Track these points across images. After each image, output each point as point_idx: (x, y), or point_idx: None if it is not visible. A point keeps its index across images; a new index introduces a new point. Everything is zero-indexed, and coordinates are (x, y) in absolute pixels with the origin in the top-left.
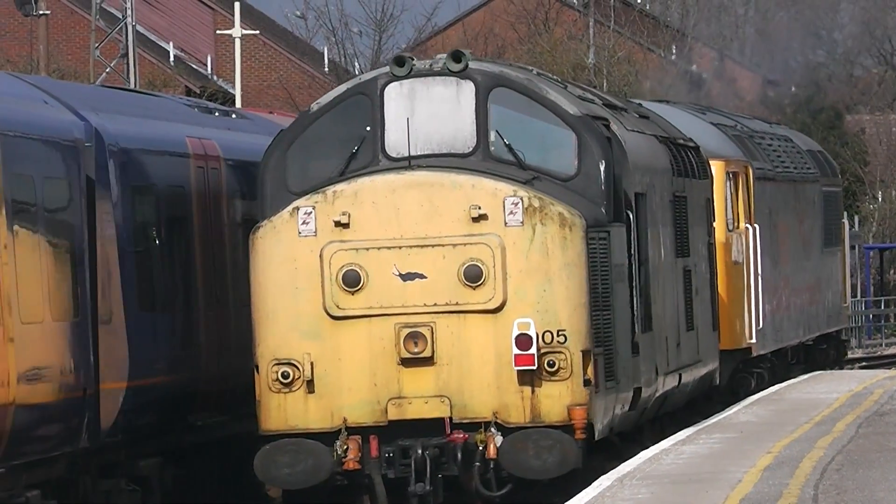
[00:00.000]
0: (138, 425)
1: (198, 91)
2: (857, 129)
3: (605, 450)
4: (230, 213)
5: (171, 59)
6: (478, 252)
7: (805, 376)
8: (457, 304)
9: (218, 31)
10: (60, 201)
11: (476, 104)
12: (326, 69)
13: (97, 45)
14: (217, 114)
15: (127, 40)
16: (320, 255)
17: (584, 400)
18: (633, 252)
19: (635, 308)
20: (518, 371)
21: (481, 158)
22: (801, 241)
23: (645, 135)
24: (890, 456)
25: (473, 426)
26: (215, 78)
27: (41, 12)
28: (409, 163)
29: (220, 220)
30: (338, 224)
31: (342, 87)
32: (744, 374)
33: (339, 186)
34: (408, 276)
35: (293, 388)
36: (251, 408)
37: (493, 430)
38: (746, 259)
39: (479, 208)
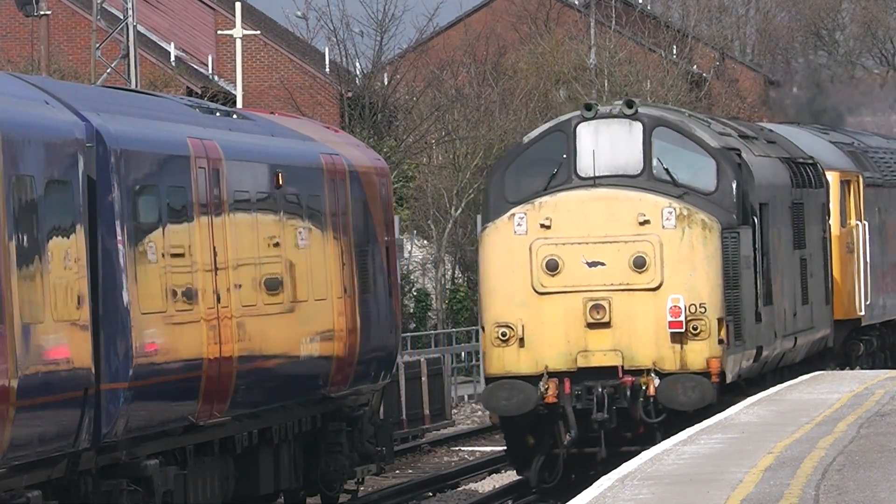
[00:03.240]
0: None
1: (199, 91)
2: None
3: (733, 390)
4: (231, 213)
5: (173, 59)
6: (643, 247)
7: (806, 376)
8: (627, 284)
9: (219, 32)
10: (61, 202)
11: (643, 139)
12: (328, 70)
13: (98, 45)
14: (218, 114)
15: (128, 41)
16: (529, 248)
17: (718, 354)
18: (756, 247)
19: (758, 287)
20: (671, 332)
21: (646, 179)
22: None
23: (770, 158)
24: (891, 456)
25: (638, 372)
26: (216, 78)
27: (42, 13)
28: (594, 182)
29: (220, 218)
30: (542, 226)
31: (545, 126)
32: (855, 341)
33: (544, 198)
34: (592, 263)
35: (509, 344)
36: None
37: (652, 375)
38: (857, 248)
39: (644, 215)
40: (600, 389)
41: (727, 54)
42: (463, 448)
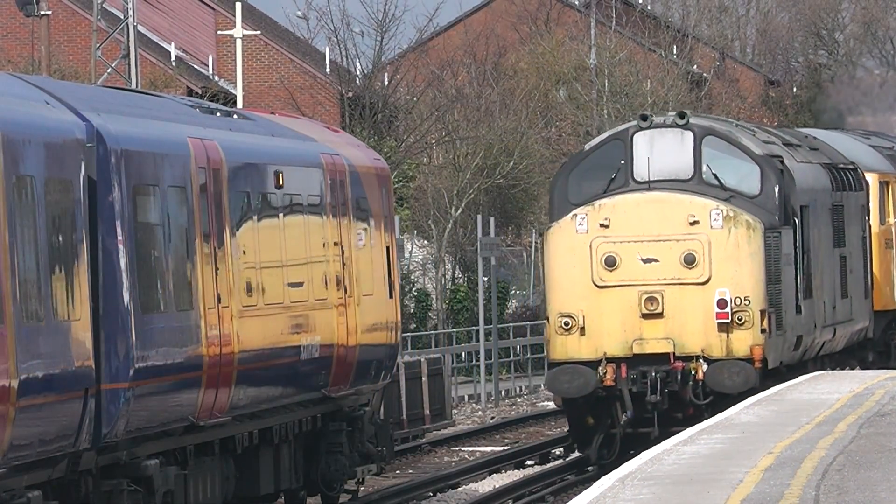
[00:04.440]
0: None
1: (199, 91)
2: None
3: (775, 376)
4: (231, 213)
5: (173, 59)
6: (693, 245)
7: (807, 376)
8: (679, 278)
9: (219, 32)
10: (62, 202)
11: (694, 147)
12: (328, 70)
13: (98, 45)
14: (219, 114)
15: (128, 41)
16: (590, 246)
17: (761, 342)
18: (797, 245)
19: (798, 282)
20: (718, 322)
21: (696, 183)
22: None
23: (812, 164)
24: (891, 456)
25: (688, 358)
26: (217, 78)
27: (43, 13)
28: (649, 185)
29: (221, 219)
30: (601, 225)
31: (605, 135)
32: (894, 331)
33: (603, 200)
34: (647, 260)
35: (571, 332)
36: None
37: (701, 360)
38: (895, 244)
39: (694, 216)
40: (654, 374)
41: (727, 54)
42: (463, 448)
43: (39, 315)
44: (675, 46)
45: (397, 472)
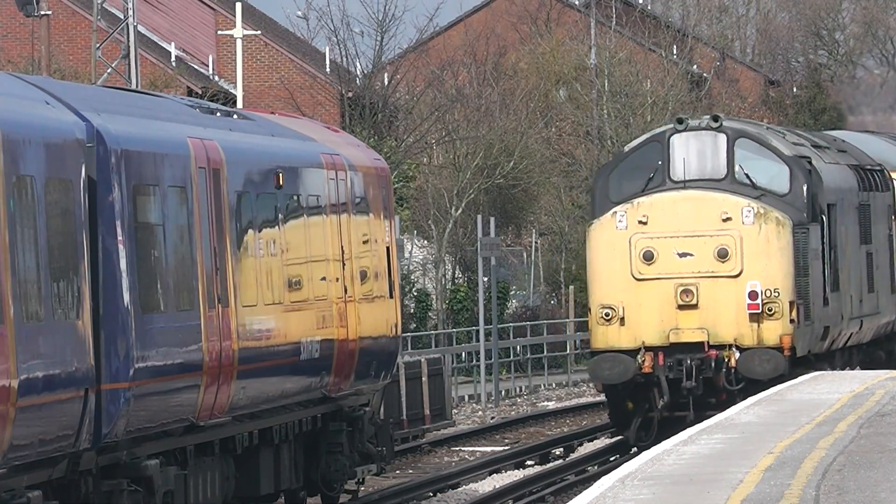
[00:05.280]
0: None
1: (199, 92)
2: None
3: (803, 363)
4: (231, 213)
5: (173, 59)
6: (726, 240)
7: (807, 376)
8: (712, 272)
9: (219, 32)
10: (62, 202)
11: (727, 148)
12: (328, 70)
13: (98, 45)
14: (219, 114)
15: (128, 41)
16: (629, 241)
17: (790, 332)
18: (825, 241)
19: (826, 276)
20: (749, 313)
21: (729, 182)
22: None
23: (839, 165)
24: (891, 456)
25: (721, 347)
26: (217, 78)
27: (43, 13)
28: (685, 185)
29: (221, 220)
30: (640, 222)
31: (643, 137)
32: None
33: (642, 199)
34: (683, 254)
35: (611, 322)
36: None
37: (733, 349)
38: None
39: (727, 213)
40: (689, 361)
41: (727, 54)
42: (463, 448)
43: (39, 315)
44: (675, 46)
45: (397, 472)
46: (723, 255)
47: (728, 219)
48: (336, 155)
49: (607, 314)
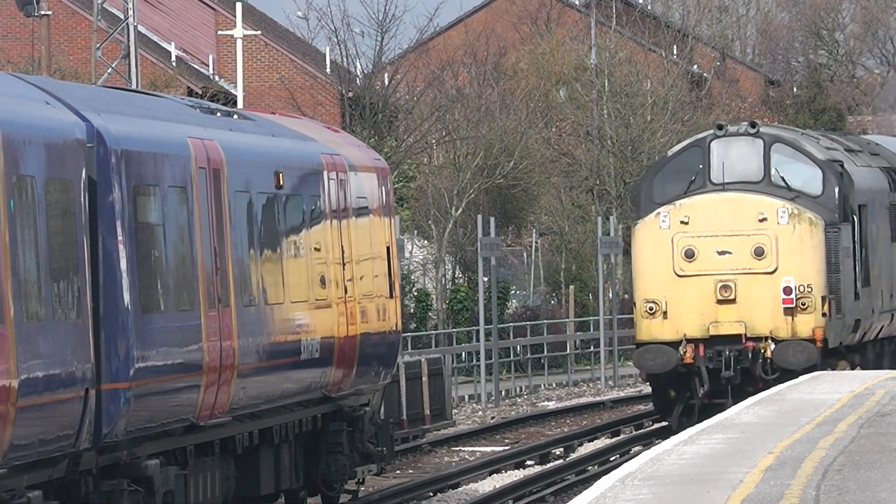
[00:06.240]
0: None
1: (199, 92)
2: (859, 129)
3: (835, 354)
4: (231, 213)
5: (173, 59)
6: (762, 239)
7: (807, 376)
8: (749, 269)
9: (219, 32)
10: (62, 202)
11: (763, 153)
12: (328, 70)
13: (99, 45)
14: (219, 114)
15: (129, 41)
16: (671, 240)
17: (822, 325)
18: (856, 239)
19: (857, 272)
20: (784, 307)
21: (765, 185)
22: None
23: (871, 168)
24: (891, 456)
25: (758, 339)
26: (217, 78)
27: (43, 13)
28: (724, 187)
29: (221, 220)
30: (682, 222)
31: (685, 142)
32: None
33: (683, 200)
34: (722, 252)
35: (655, 316)
36: None
37: (769, 341)
38: None
39: (763, 214)
40: (728, 352)
41: (727, 54)
42: (463, 448)
43: (40, 315)
44: (675, 46)
45: (397, 472)
46: (759, 253)
47: (764, 219)
48: (336, 155)
49: (651, 308)
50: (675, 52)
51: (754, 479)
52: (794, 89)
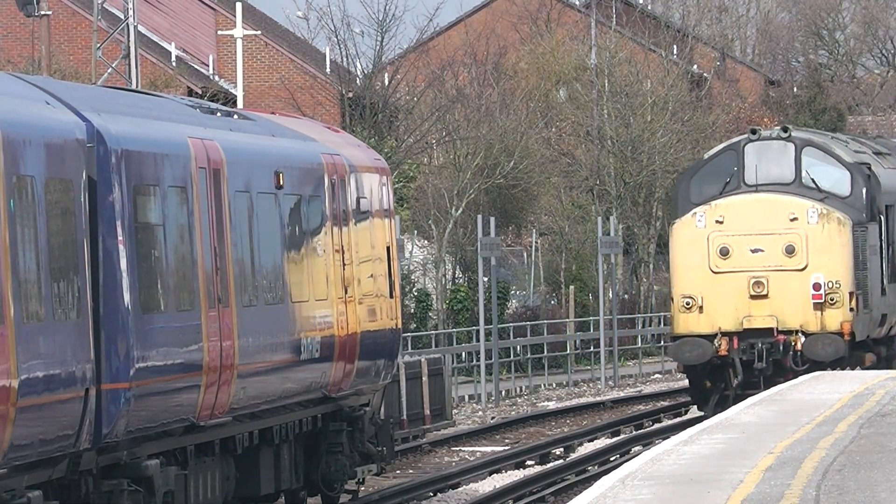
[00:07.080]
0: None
1: (199, 92)
2: (859, 129)
3: (861, 347)
4: (231, 213)
5: (173, 59)
6: (793, 238)
7: (807, 376)
8: (781, 266)
9: (219, 32)
10: (62, 202)
11: (795, 156)
12: (328, 70)
13: (99, 45)
14: (219, 114)
15: (129, 41)
16: (707, 238)
17: (850, 319)
18: (882, 238)
19: (883, 269)
20: (813, 302)
21: (796, 186)
22: None
23: None
24: (891, 456)
25: (789, 332)
26: (217, 78)
27: (43, 13)
28: (757, 188)
29: (221, 220)
30: (717, 221)
31: (721, 146)
32: None
33: (719, 201)
34: (755, 250)
35: (691, 310)
36: None
37: (799, 334)
38: None
39: (794, 214)
40: (760, 345)
41: (727, 54)
42: (463, 448)
43: (40, 315)
44: (675, 46)
45: (397, 472)
46: (790, 251)
47: (795, 219)
48: (336, 155)
49: (688, 303)
50: (675, 52)
51: (754, 479)
52: (794, 89)
